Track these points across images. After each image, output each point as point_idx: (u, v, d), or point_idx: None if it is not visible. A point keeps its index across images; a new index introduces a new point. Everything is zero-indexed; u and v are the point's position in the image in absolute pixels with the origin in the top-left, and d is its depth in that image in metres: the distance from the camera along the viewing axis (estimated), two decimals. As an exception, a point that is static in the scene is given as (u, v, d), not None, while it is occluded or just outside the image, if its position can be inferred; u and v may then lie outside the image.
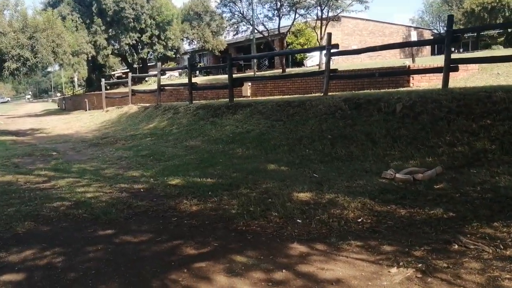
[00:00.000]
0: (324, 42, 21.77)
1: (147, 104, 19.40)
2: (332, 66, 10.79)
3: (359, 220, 4.33)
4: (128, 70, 45.42)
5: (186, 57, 48.61)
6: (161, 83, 18.26)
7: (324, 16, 22.63)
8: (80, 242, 4.16)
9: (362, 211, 4.55)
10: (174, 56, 38.80)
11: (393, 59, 33.32)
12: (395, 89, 10.85)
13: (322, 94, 10.50)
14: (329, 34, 10.34)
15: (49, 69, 29.65)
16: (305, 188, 5.46)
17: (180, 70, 38.20)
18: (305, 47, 31.23)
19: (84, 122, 20.93)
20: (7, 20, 15.22)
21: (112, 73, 54.13)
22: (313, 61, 31.05)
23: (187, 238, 4.13)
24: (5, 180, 7.46)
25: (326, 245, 3.80)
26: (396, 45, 18.59)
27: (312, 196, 5.12)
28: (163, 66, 43.54)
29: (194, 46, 43.74)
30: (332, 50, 10.32)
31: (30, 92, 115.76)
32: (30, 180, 7.41)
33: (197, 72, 38.75)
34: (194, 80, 16.00)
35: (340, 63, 27.39)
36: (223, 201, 5.24)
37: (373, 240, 3.84)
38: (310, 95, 13.16)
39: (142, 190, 6.20)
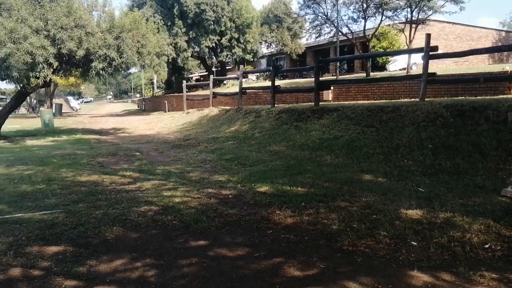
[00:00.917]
0: (413, 45, 20.79)
1: (227, 107, 19.35)
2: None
3: (486, 246, 3.71)
4: (206, 73, 46.24)
5: (263, 60, 48.79)
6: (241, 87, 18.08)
7: (413, 18, 21.50)
8: (172, 253, 3.87)
9: (488, 235, 3.91)
10: (252, 59, 38.84)
11: (480, 65, 31.23)
12: (499, 96, 9.82)
13: (418, 99, 9.73)
14: (428, 36, 9.56)
15: (131, 70, 30.71)
16: (412, 204, 4.87)
17: (257, 74, 38.37)
18: (388, 50, 30.12)
19: (165, 123, 21.29)
20: (95, 21, 15.65)
21: (190, 75, 55.49)
22: (396, 65, 29.84)
23: (287, 256, 3.71)
24: (92, 180, 7.48)
25: (454, 275, 3.24)
26: (504, 47, 17.45)
27: (423, 214, 4.53)
28: (239, 69, 44.04)
29: (272, 50, 43.64)
30: (431, 53, 9.52)
31: (111, 93, 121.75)
32: (115, 180, 7.38)
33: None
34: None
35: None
36: (320, 214, 4.78)
37: (511, 273, 3.22)
38: (400, 100, 12.36)
39: (230, 196, 5.89)
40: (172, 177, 7.41)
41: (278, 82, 26.86)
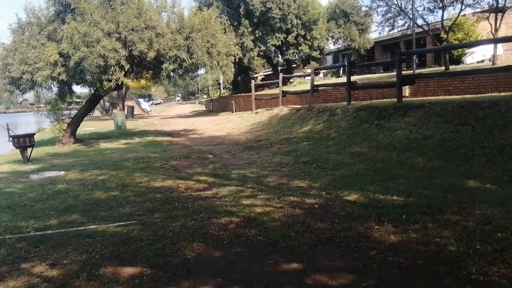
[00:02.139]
0: (499, 35, 19.17)
1: (297, 106, 18.72)
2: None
3: None
4: (271, 72, 45.79)
5: (328, 57, 47.67)
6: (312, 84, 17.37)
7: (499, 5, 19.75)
8: (263, 279, 3.31)
9: None
10: (318, 56, 37.87)
11: None
12: None
13: (518, 93, 8.65)
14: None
15: (198, 71, 30.63)
16: (544, 219, 4.04)
17: (324, 71, 37.39)
18: (464, 42, 28.16)
19: (234, 124, 21.02)
20: (165, 22, 15.59)
21: (255, 75, 55.31)
22: (474, 58, 27.83)
23: (404, 287, 3.05)
24: (166, 185, 7.19)
25: None
26: None
27: None
28: (305, 67, 43.18)
29: (339, 46, 42.47)
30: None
31: (179, 95, 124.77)
32: (190, 186, 7.04)
33: (340, 72, 37.51)
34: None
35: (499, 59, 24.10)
36: (429, 230, 4.05)
37: None
38: (494, 94, 11.18)
39: (316, 206, 5.29)
40: (249, 183, 6.93)
41: (345, 79, 25.92)
